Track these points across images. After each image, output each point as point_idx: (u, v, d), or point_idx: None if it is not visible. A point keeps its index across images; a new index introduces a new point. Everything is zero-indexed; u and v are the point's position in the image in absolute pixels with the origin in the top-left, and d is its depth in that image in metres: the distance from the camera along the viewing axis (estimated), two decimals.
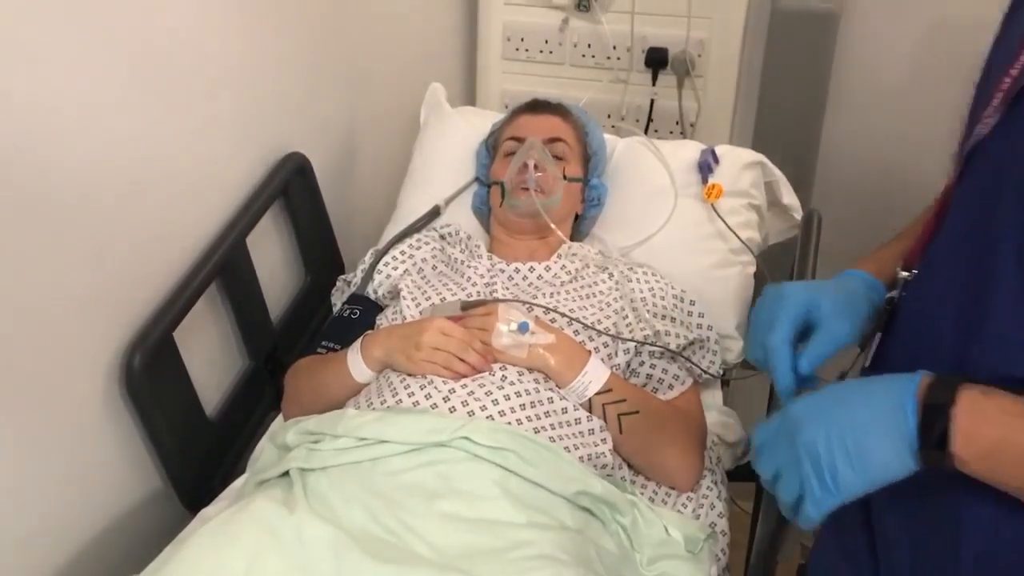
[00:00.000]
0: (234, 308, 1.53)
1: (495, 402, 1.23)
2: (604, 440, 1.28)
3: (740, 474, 1.52)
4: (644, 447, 1.33)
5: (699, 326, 1.52)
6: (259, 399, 1.61)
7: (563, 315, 1.38)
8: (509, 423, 1.20)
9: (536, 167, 1.53)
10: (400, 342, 1.30)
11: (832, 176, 2.27)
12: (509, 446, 1.14)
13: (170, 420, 1.37)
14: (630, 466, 1.35)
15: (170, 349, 1.36)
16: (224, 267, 1.46)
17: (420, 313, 1.42)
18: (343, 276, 1.66)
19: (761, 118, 2.24)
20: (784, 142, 2.21)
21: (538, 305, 1.39)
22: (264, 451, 1.31)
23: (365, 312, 1.52)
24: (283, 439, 1.26)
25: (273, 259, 1.67)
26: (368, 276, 1.57)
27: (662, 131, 2.21)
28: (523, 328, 1.29)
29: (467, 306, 1.36)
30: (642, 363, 1.43)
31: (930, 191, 2.23)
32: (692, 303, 1.53)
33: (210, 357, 1.52)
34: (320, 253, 1.76)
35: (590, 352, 1.33)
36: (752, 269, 1.66)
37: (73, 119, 1.16)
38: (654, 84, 2.17)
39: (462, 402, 1.22)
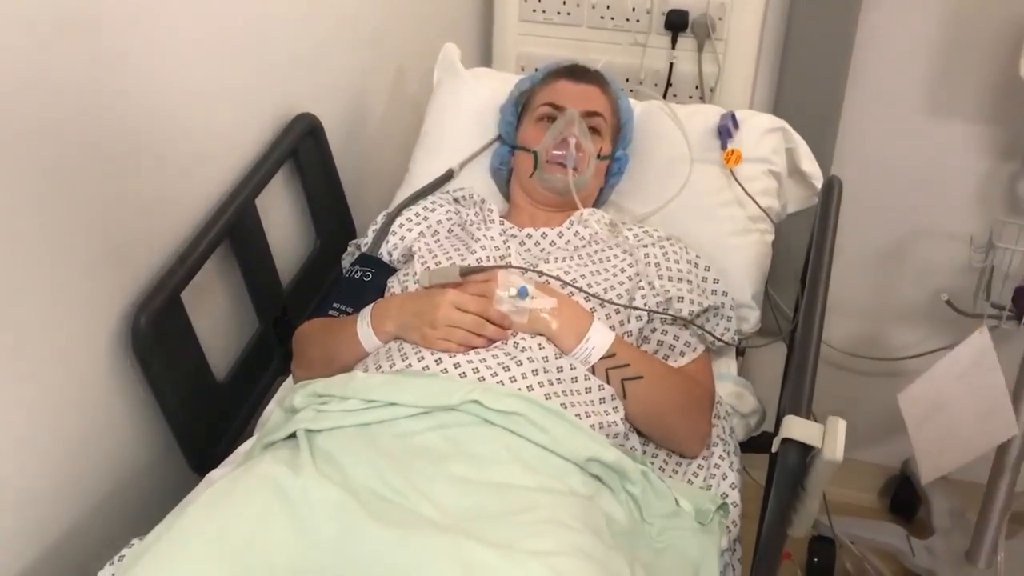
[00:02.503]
0: (243, 270, 1.51)
1: (506, 368, 1.21)
2: (616, 409, 1.26)
3: (753, 445, 1.51)
4: (648, 412, 1.31)
5: (714, 292, 1.49)
6: (268, 362, 1.60)
7: (567, 284, 1.36)
8: (519, 389, 1.18)
9: (576, 145, 1.50)
10: (413, 319, 1.28)
11: (853, 144, 2.23)
12: (519, 411, 1.12)
13: (177, 382, 1.35)
14: (640, 435, 1.33)
15: (178, 310, 1.35)
16: (233, 228, 1.44)
17: (416, 280, 1.39)
18: (355, 241, 1.63)
19: (782, 83, 2.19)
20: (805, 108, 2.17)
21: (541, 273, 1.36)
22: (272, 414, 1.30)
23: (377, 275, 1.50)
24: (291, 402, 1.25)
25: (283, 222, 1.65)
26: (381, 237, 1.55)
27: (681, 96, 2.18)
28: (523, 293, 1.27)
29: (465, 272, 1.34)
30: (654, 330, 1.41)
31: (953, 161, 2.19)
32: (707, 269, 1.50)
33: (219, 319, 1.50)
34: (331, 216, 1.73)
35: (593, 316, 1.31)
36: (771, 237, 1.63)
37: (77, 75, 1.14)
38: (674, 47, 2.13)
39: (473, 368, 1.20)
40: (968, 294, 1.89)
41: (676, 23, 2.10)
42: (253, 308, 1.56)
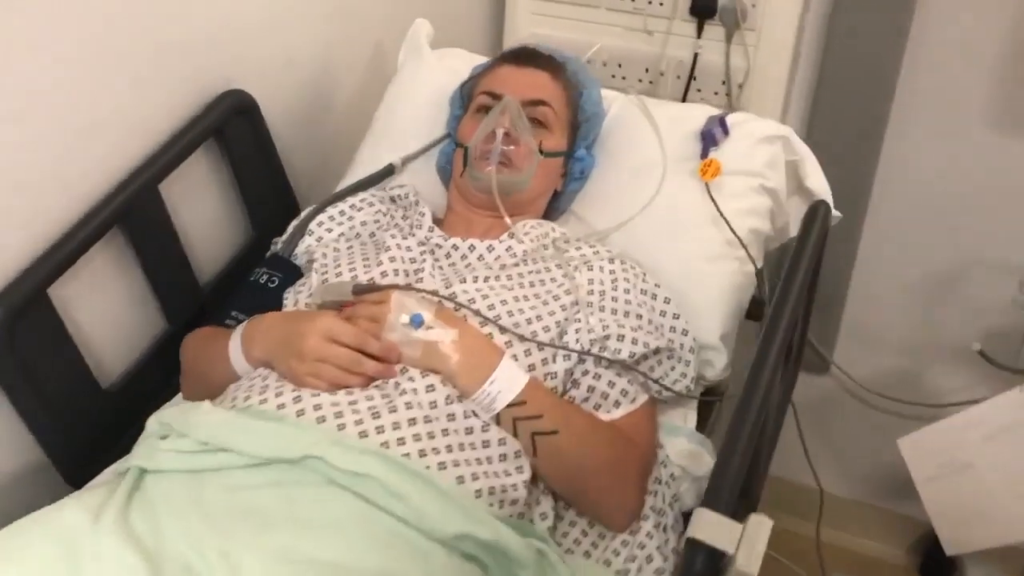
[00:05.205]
0: (144, 264, 1.34)
1: (375, 415, 1.00)
2: (520, 469, 1.04)
3: None
4: (563, 475, 1.09)
5: (672, 330, 1.26)
6: (177, 367, 1.43)
7: (475, 312, 1.14)
8: (386, 442, 0.97)
9: (508, 136, 1.29)
10: (280, 349, 1.09)
11: (899, 158, 1.95)
12: (373, 472, 0.92)
13: (45, 389, 1.20)
14: (557, 497, 1.11)
15: (44, 308, 1.19)
16: (127, 217, 1.27)
17: (310, 294, 1.20)
18: (278, 238, 1.44)
19: (822, 83, 1.93)
20: (845, 114, 1.92)
21: (447, 298, 1.15)
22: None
23: (285, 280, 1.31)
24: (150, 426, 1.09)
25: (207, 211, 1.47)
26: (296, 235, 1.36)
27: (706, 91, 1.95)
28: (416, 321, 1.06)
29: (359, 290, 1.13)
30: (585, 372, 1.18)
31: (1016, 184, 1.89)
32: (667, 301, 1.27)
33: (114, 319, 1.34)
34: (270, 207, 1.54)
35: (503, 353, 1.10)
36: (751, 267, 1.37)
37: None
38: (699, 36, 1.91)
39: (335, 412, 1.00)
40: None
41: (703, 8, 1.88)
42: (161, 307, 1.39)
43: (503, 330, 1.13)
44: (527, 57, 1.38)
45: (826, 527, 2.21)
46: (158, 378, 1.40)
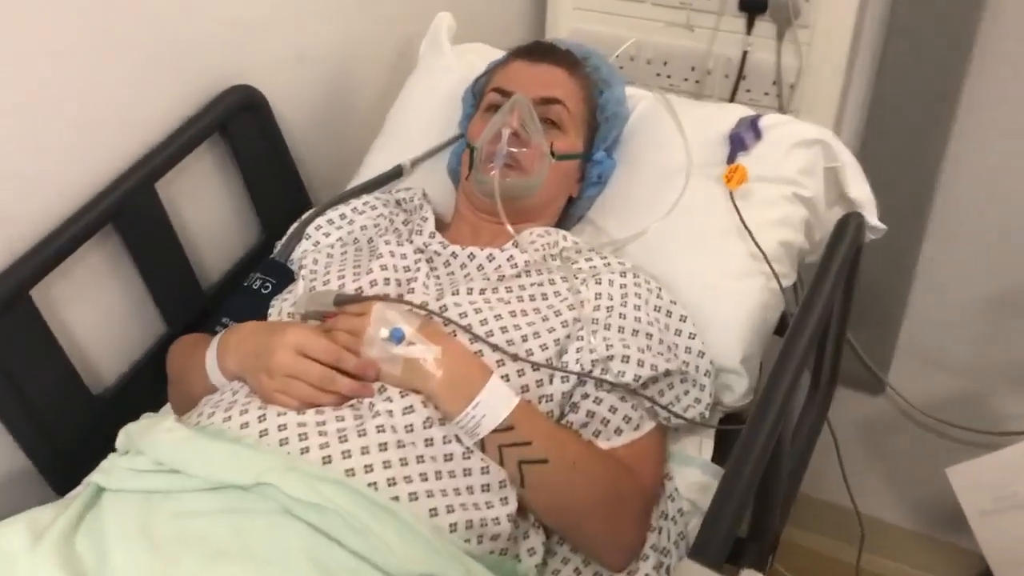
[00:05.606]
0: (139, 265, 1.28)
1: (342, 439, 0.92)
2: (505, 501, 0.95)
3: None
4: (554, 508, 1.00)
5: (687, 351, 1.15)
6: None
7: (464, 328, 1.05)
8: (351, 469, 0.90)
9: (516, 137, 1.19)
10: (252, 362, 1.01)
11: (965, 161, 1.80)
12: (332, 502, 0.85)
13: (29, 394, 1.15)
14: (549, 531, 1.02)
15: (26, 311, 1.14)
16: (121, 216, 1.22)
17: (294, 303, 1.13)
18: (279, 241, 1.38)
19: (881, 84, 1.80)
20: (908, 118, 1.78)
21: (429, 311, 1.06)
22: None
23: (279, 286, 1.24)
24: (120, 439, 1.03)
25: (213, 210, 1.41)
26: (294, 239, 1.29)
27: (755, 91, 1.84)
28: (396, 336, 0.98)
29: (342, 300, 1.05)
30: (586, 395, 1.08)
31: None
32: (683, 319, 1.17)
33: (110, 322, 1.29)
34: (282, 208, 1.48)
35: (491, 372, 1.00)
36: (776, 284, 1.24)
37: None
38: (749, 33, 1.80)
39: (300, 434, 0.93)
40: None
41: (753, 3, 1.77)
42: (159, 309, 1.34)
43: (494, 348, 1.04)
44: (541, 52, 1.28)
45: (875, 555, 2.08)
46: (155, 384, 1.34)
